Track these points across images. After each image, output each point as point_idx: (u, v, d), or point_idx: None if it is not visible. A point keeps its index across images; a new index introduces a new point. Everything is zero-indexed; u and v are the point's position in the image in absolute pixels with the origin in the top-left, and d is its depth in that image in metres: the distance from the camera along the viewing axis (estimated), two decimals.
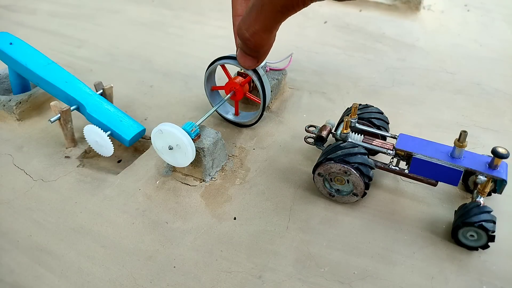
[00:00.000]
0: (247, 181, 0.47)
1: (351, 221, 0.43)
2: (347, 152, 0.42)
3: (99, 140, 0.48)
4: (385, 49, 0.73)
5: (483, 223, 0.37)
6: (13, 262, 0.40)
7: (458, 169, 0.40)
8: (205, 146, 0.45)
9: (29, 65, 0.53)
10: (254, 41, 0.39)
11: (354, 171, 0.41)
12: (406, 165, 0.44)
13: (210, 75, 0.53)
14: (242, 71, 0.53)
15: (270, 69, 0.59)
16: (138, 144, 0.54)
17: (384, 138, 0.47)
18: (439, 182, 0.42)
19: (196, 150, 0.44)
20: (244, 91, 0.52)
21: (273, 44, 0.41)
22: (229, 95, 0.53)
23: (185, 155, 0.44)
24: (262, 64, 0.56)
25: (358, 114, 0.48)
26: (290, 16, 0.37)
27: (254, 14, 0.37)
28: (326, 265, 0.39)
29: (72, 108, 0.51)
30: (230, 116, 0.55)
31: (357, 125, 0.47)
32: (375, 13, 0.84)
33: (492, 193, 0.43)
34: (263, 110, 0.51)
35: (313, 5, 0.44)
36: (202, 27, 0.81)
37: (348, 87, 0.63)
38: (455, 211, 0.41)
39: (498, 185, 0.40)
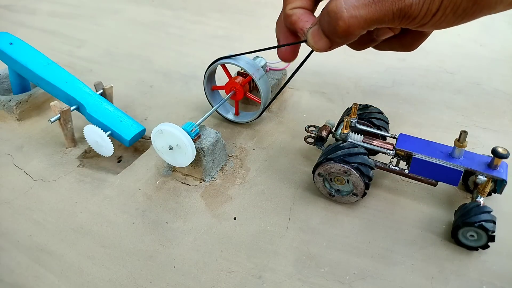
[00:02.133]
0: (247, 181, 0.47)
1: (351, 221, 0.43)
2: (347, 152, 0.41)
3: (99, 140, 0.48)
4: None
5: (483, 223, 0.37)
6: (13, 262, 0.40)
7: (458, 169, 0.40)
8: (205, 146, 0.45)
9: (29, 65, 0.53)
10: (348, 25, 0.35)
11: (354, 171, 0.41)
12: (406, 165, 0.44)
13: (210, 75, 0.53)
14: (242, 70, 0.53)
15: (270, 69, 0.59)
16: (138, 144, 0.54)
17: (384, 138, 0.47)
18: (439, 182, 0.42)
19: (196, 150, 0.44)
20: (244, 91, 0.52)
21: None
22: (229, 95, 0.53)
23: (185, 155, 0.44)
24: (262, 63, 0.56)
25: (358, 114, 0.48)
26: (392, 25, 0.34)
27: (368, 0, 0.34)
28: (326, 265, 0.39)
29: (72, 108, 0.51)
30: (230, 116, 0.55)
31: (357, 125, 0.47)
32: None
33: (492, 193, 0.43)
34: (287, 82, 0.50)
35: None
36: (202, 27, 0.81)
37: (348, 87, 0.63)
38: (455, 211, 0.41)
39: (498, 185, 0.40)
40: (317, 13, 0.39)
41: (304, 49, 0.40)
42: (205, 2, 0.91)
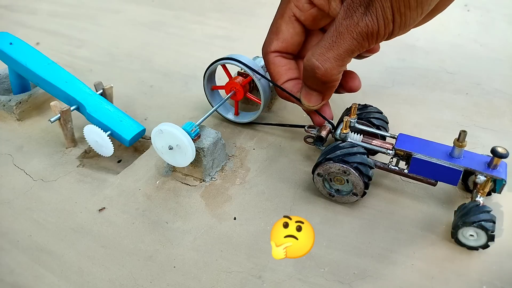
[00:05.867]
0: (247, 181, 0.47)
1: (351, 221, 0.43)
2: (346, 152, 0.42)
3: (99, 140, 0.48)
4: (385, 49, 0.73)
5: (483, 222, 0.37)
6: (13, 262, 0.40)
7: (458, 168, 0.40)
8: (205, 146, 0.45)
9: (29, 65, 0.53)
10: (324, 69, 0.37)
11: (353, 171, 0.41)
12: (405, 165, 0.44)
13: (210, 75, 0.54)
14: (242, 71, 0.53)
15: None
16: (138, 144, 0.54)
17: (383, 138, 0.47)
18: (438, 182, 0.42)
19: (196, 150, 0.44)
20: (244, 91, 0.52)
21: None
22: (229, 95, 0.53)
23: (185, 155, 0.44)
24: (262, 64, 0.56)
25: (357, 114, 0.48)
26: (362, 50, 0.36)
27: (329, 43, 0.36)
28: (326, 265, 0.39)
29: (72, 108, 0.51)
30: (230, 116, 0.55)
31: (356, 125, 0.47)
32: None
33: (492, 193, 0.43)
34: None
35: None
36: (202, 27, 0.81)
37: None
38: (455, 211, 0.41)
39: (498, 185, 0.40)
40: None
41: None
42: (205, 2, 0.91)
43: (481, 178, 0.40)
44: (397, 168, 0.44)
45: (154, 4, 0.91)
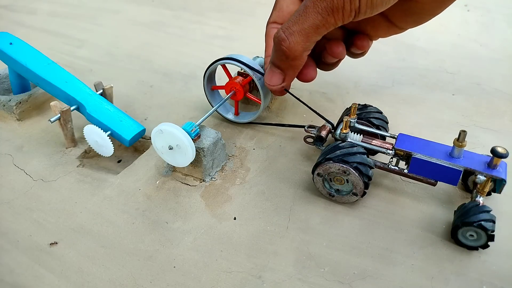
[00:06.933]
0: (247, 181, 0.47)
1: (351, 221, 0.43)
2: (346, 151, 0.42)
3: (99, 140, 0.48)
4: (385, 49, 0.73)
5: (482, 222, 0.37)
6: (13, 262, 0.40)
7: (458, 168, 0.40)
8: (205, 146, 0.45)
9: (29, 65, 0.53)
10: (289, 42, 0.38)
11: (353, 171, 0.41)
12: (405, 165, 0.44)
13: (210, 75, 0.54)
14: (242, 71, 0.53)
15: None
16: (138, 144, 0.54)
17: (383, 138, 0.47)
18: (438, 182, 0.42)
19: (196, 150, 0.44)
20: (244, 91, 0.52)
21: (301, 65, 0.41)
22: (229, 95, 0.53)
23: (185, 155, 0.44)
24: (262, 63, 0.56)
25: (357, 114, 0.48)
26: (329, 27, 0.36)
27: (296, 17, 0.37)
28: (326, 265, 0.39)
29: (72, 108, 0.51)
30: (230, 116, 0.55)
31: (356, 125, 0.47)
32: None
33: (492, 193, 0.43)
34: None
35: None
36: (202, 27, 0.82)
37: (348, 87, 0.63)
38: (455, 211, 0.41)
39: (498, 185, 0.40)
40: None
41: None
42: (205, 2, 0.91)
43: (481, 178, 0.40)
44: (397, 168, 0.44)
45: (154, 4, 0.91)
